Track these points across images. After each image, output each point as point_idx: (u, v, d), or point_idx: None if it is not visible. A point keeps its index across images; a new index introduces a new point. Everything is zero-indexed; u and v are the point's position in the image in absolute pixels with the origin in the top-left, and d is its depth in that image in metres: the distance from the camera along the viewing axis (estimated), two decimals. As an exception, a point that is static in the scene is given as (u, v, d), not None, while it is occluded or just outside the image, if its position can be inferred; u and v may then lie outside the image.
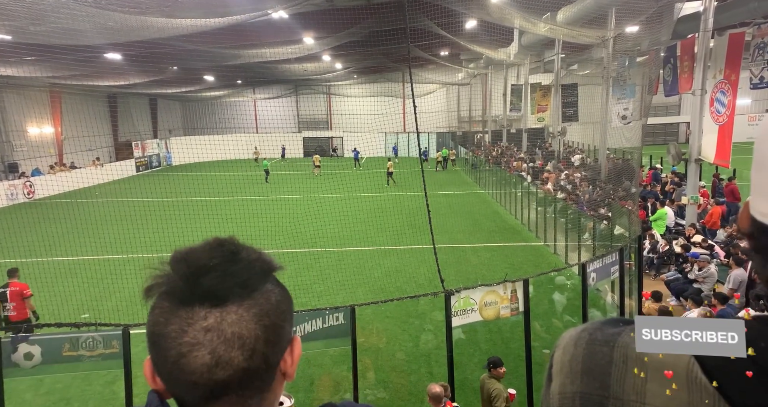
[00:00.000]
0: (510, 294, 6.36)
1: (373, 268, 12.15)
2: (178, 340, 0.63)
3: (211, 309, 0.64)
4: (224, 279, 0.65)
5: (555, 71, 21.87)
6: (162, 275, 0.67)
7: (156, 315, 0.65)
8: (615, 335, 0.69)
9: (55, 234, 15.78)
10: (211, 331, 0.63)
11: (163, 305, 0.65)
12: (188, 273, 0.65)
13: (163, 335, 0.63)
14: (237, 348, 0.64)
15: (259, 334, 0.65)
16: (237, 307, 0.65)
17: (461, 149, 36.03)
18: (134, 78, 24.14)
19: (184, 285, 0.64)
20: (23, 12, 8.83)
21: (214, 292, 0.64)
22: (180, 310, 0.64)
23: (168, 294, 0.65)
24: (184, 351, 0.63)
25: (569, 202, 14.86)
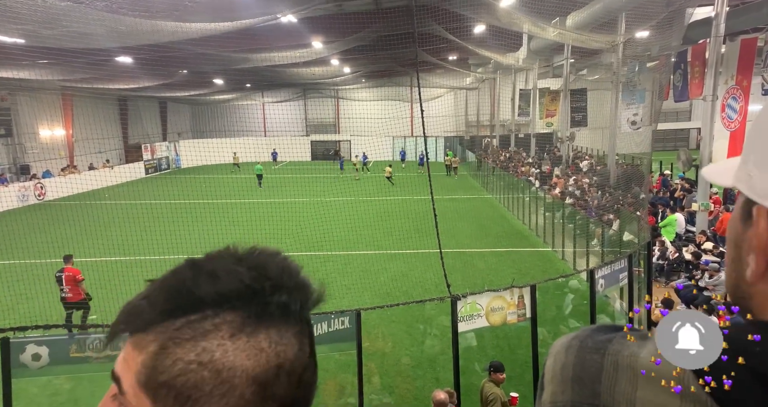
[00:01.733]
0: (517, 299, 6.31)
1: (380, 272, 12.13)
2: (303, 357, 0.58)
3: (306, 317, 0.60)
4: (313, 291, 0.62)
5: (564, 76, 21.80)
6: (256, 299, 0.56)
7: (268, 345, 0.55)
8: (606, 342, 0.66)
9: (64, 236, 15.91)
10: (311, 337, 0.60)
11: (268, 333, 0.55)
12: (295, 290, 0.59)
13: (289, 361, 0.56)
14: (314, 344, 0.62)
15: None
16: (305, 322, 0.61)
17: (469, 153, 35.96)
18: (144, 81, 24.38)
19: (300, 305, 0.58)
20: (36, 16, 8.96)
21: (314, 302, 0.61)
22: (294, 328, 0.58)
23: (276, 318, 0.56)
24: (307, 363, 0.59)
25: (577, 208, 14.76)
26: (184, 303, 0.54)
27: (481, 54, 24.99)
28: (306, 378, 0.59)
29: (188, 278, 0.55)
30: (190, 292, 0.54)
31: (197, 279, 0.55)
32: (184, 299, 0.54)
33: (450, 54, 26.93)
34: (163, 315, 0.54)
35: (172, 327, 0.54)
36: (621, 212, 12.87)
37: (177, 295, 0.55)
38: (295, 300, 0.58)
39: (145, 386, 0.54)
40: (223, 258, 0.58)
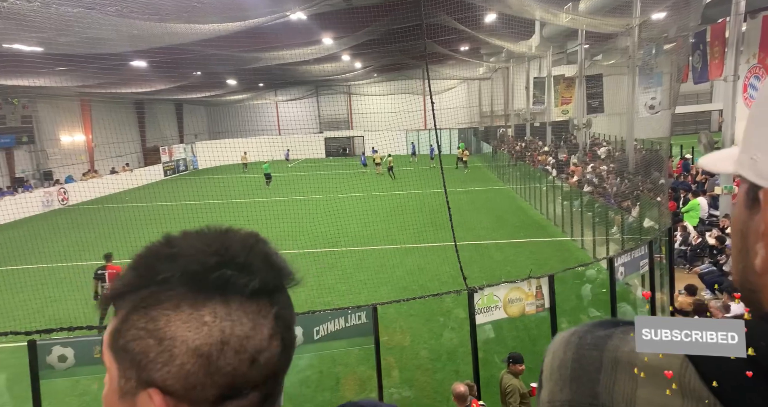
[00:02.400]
0: (535, 290, 6.24)
1: (396, 267, 12.12)
2: (258, 336, 0.58)
3: (273, 297, 0.61)
4: (281, 269, 0.63)
5: (579, 62, 21.38)
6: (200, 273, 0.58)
7: (211, 323, 0.57)
8: (605, 338, 0.63)
9: (87, 239, 16.28)
10: (279, 319, 0.61)
11: (216, 309, 0.57)
12: (248, 266, 0.59)
13: (235, 336, 0.57)
14: (292, 334, 0.64)
15: (295, 320, 0.66)
16: (285, 295, 0.64)
17: (483, 144, 35.63)
18: (159, 84, 24.71)
19: (249, 280, 0.59)
20: (50, 23, 9.13)
21: (276, 282, 0.62)
22: (248, 306, 0.58)
23: (224, 293, 0.58)
24: (264, 346, 0.59)
25: (596, 196, 14.51)
26: (148, 276, 0.59)
27: (493, 43, 24.67)
28: (263, 360, 0.59)
29: (155, 253, 0.60)
30: (152, 266, 0.59)
31: (161, 254, 0.60)
32: (149, 272, 0.59)
33: (461, 44, 26.66)
34: (131, 287, 0.59)
35: (137, 298, 0.59)
36: (641, 198, 12.61)
37: (144, 269, 0.60)
38: (245, 278, 0.59)
39: (111, 349, 0.60)
40: (191, 236, 0.62)
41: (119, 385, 0.59)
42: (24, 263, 13.84)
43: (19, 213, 20.81)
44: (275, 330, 0.60)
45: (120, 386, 0.59)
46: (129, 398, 0.58)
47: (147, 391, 0.57)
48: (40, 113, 26.57)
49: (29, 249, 15.47)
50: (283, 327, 0.62)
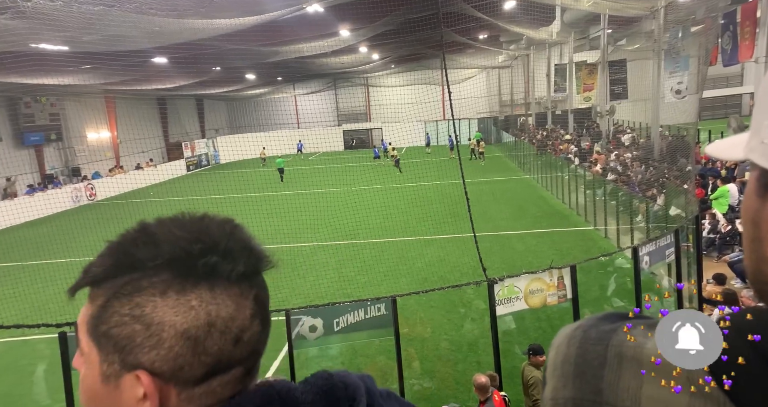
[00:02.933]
0: (557, 281, 6.15)
1: (416, 259, 12.11)
2: (240, 317, 0.62)
3: (252, 281, 0.64)
4: (259, 254, 0.65)
5: (601, 48, 20.84)
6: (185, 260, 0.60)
7: (198, 306, 0.59)
8: (610, 332, 0.60)
9: (115, 233, 16.66)
10: (258, 301, 0.64)
11: (201, 294, 0.60)
12: (229, 252, 0.62)
13: (221, 318, 0.60)
14: (268, 313, 0.67)
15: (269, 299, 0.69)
16: (261, 277, 0.67)
17: (503, 134, 35.16)
18: (180, 80, 25.06)
19: (233, 265, 0.61)
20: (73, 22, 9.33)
21: (255, 266, 0.64)
22: (230, 289, 0.61)
23: (210, 278, 0.60)
24: (246, 325, 0.62)
25: (620, 184, 14.20)
26: (127, 263, 0.60)
27: (513, 30, 24.21)
28: (246, 339, 0.62)
29: (132, 241, 0.62)
30: (132, 254, 0.60)
31: (139, 242, 0.61)
32: (128, 259, 0.60)
33: (480, 33, 26.23)
34: (109, 273, 0.61)
35: (116, 284, 0.60)
36: (666, 186, 12.29)
37: (122, 256, 0.61)
38: (229, 263, 0.61)
39: (91, 335, 0.61)
40: (168, 223, 0.63)
41: (101, 370, 0.61)
42: (55, 257, 14.29)
43: (50, 208, 21.46)
44: (256, 310, 0.64)
45: (102, 370, 0.60)
46: (112, 381, 0.60)
47: (134, 373, 0.59)
48: (67, 111, 27.25)
49: (60, 244, 15.96)
50: (262, 308, 0.65)
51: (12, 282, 11.99)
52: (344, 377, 0.69)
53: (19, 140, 24.15)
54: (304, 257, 12.65)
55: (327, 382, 0.67)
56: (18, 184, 23.49)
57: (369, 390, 0.69)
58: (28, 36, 10.72)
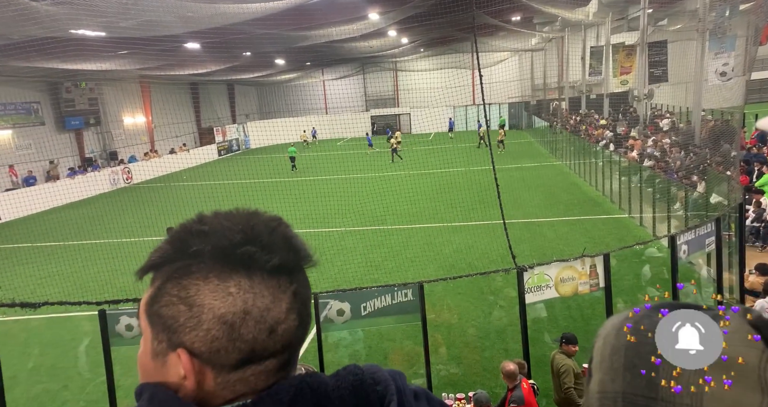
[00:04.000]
0: (589, 269, 6.01)
1: (443, 245, 12.04)
2: (277, 309, 0.65)
3: (291, 276, 0.67)
4: (299, 250, 0.69)
5: (641, 28, 19.95)
6: (228, 249, 0.64)
7: (236, 293, 0.63)
8: None
9: (150, 216, 17.23)
10: (297, 296, 0.67)
11: (240, 282, 0.64)
12: (270, 245, 0.65)
13: (257, 307, 0.63)
14: (308, 310, 0.70)
15: (311, 297, 0.72)
16: (303, 274, 0.70)
17: (535, 119, 34.35)
18: (212, 65, 25.38)
19: (270, 257, 0.65)
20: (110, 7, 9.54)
21: (295, 262, 0.68)
22: (270, 280, 0.65)
23: (248, 268, 0.64)
24: (282, 318, 0.65)
25: (657, 170, 13.70)
26: (181, 250, 0.66)
27: (547, 11, 23.43)
28: (280, 331, 0.65)
29: (188, 230, 0.67)
30: (186, 242, 0.66)
31: (193, 231, 0.66)
32: (182, 246, 0.66)
33: (513, 14, 25.49)
34: (167, 258, 0.66)
35: (171, 269, 0.66)
36: (708, 172, 11.78)
37: (178, 243, 0.66)
38: (267, 255, 0.65)
39: (147, 314, 0.67)
40: (220, 216, 0.68)
41: (152, 347, 0.66)
42: (95, 238, 14.87)
43: (90, 191, 22.29)
44: (293, 305, 0.66)
45: (153, 347, 0.66)
46: (160, 358, 0.65)
47: (177, 351, 0.63)
48: (105, 96, 28.04)
49: (99, 226, 16.59)
50: (300, 303, 0.68)
51: (56, 260, 12.55)
52: (375, 373, 0.69)
53: (60, 124, 25.06)
54: (332, 242, 12.76)
55: (357, 378, 0.68)
56: (60, 167, 24.44)
57: (399, 388, 0.69)
58: (68, 22, 11.02)
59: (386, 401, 0.66)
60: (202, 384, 0.63)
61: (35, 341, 8.50)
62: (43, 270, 12.11)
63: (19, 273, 11.86)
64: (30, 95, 23.53)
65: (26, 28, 10.94)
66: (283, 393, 0.63)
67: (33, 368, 7.70)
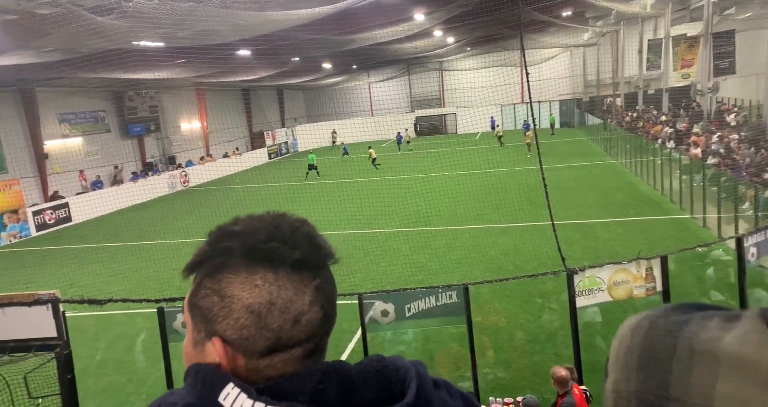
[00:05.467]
0: (645, 272, 5.72)
1: (490, 247, 11.83)
2: (300, 301, 0.70)
3: (314, 272, 0.72)
4: (321, 248, 0.74)
5: (705, 18, 18.80)
6: (254, 245, 0.71)
7: (262, 285, 0.69)
8: (681, 323, 0.55)
9: (206, 218, 17.97)
10: (320, 290, 0.72)
11: (266, 276, 0.70)
12: (292, 242, 0.71)
13: (281, 298, 0.69)
14: (332, 304, 0.75)
15: (336, 294, 0.77)
16: (326, 271, 0.75)
17: (588, 116, 33.11)
18: (262, 71, 26.20)
19: (292, 253, 0.70)
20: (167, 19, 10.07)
21: (317, 258, 0.73)
22: (293, 275, 0.70)
23: (273, 262, 0.70)
24: (305, 309, 0.70)
25: (723, 168, 12.85)
26: (218, 248, 0.73)
27: (600, 5, 22.55)
28: (304, 322, 0.70)
29: (224, 231, 0.74)
30: (221, 241, 0.73)
31: (227, 231, 0.74)
32: (219, 245, 0.73)
33: (563, 9, 24.69)
34: (206, 257, 0.74)
35: (209, 265, 0.73)
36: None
37: (215, 243, 0.74)
38: (289, 250, 0.70)
39: (188, 306, 0.74)
40: (252, 218, 0.76)
41: (193, 336, 0.73)
42: (155, 239, 15.69)
43: (150, 194, 23.56)
44: (316, 298, 0.72)
45: (194, 337, 0.73)
46: (200, 347, 0.72)
47: (212, 340, 0.70)
48: (164, 103, 29.58)
49: (160, 227, 17.50)
50: (324, 298, 0.73)
51: (120, 260, 13.36)
52: (396, 360, 0.74)
53: (124, 131, 26.66)
54: (377, 243, 12.83)
55: (379, 364, 0.73)
56: (123, 171, 26.01)
57: (420, 375, 0.71)
58: (130, 34, 11.72)
59: (406, 383, 0.70)
60: (235, 369, 0.70)
61: (102, 335, 9.07)
62: (109, 269, 12.91)
63: (89, 271, 12.70)
64: (97, 104, 25.19)
65: (93, 42, 11.75)
66: (312, 375, 0.70)
67: (101, 361, 8.22)
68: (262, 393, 0.66)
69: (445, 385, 0.75)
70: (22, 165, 20.58)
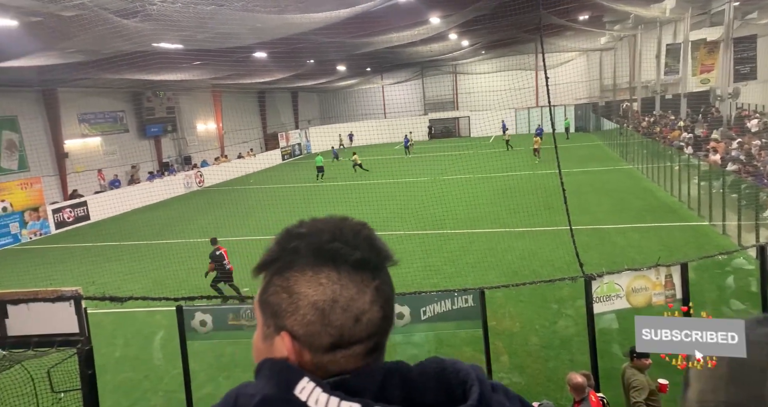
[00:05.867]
0: (664, 279, 5.65)
1: (506, 251, 11.77)
2: (361, 300, 0.73)
3: (374, 273, 0.76)
4: (380, 250, 0.78)
5: (726, 23, 18.55)
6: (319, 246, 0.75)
7: (326, 283, 0.73)
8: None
9: (221, 218, 18.19)
10: (379, 291, 0.76)
11: (330, 275, 0.73)
12: (354, 243, 0.75)
13: (344, 297, 0.73)
14: (390, 305, 0.78)
15: (394, 296, 0.80)
16: (385, 274, 0.79)
17: (604, 121, 32.79)
18: (278, 73, 26.41)
19: (353, 253, 0.74)
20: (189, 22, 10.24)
21: (376, 260, 0.77)
22: (354, 275, 0.74)
23: (336, 262, 0.74)
24: (366, 308, 0.74)
25: (744, 175, 12.65)
26: (286, 249, 0.77)
27: (619, 9, 22.36)
28: (365, 320, 0.74)
29: (291, 232, 0.78)
30: (289, 242, 0.77)
31: (294, 233, 0.78)
32: (287, 246, 0.77)
33: (581, 13, 24.53)
34: (275, 257, 0.78)
35: (278, 265, 0.77)
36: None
37: (284, 244, 0.78)
38: (351, 250, 0.74)
39: (259, 302, 0.79)
40: (317, 221, 0.80)
41: (263, 331, 0.78)
42: (171, 238, 15.89)
43: (166, 194, 23.87)
44: (375, 298, 0.75)
45: (263, 332, 0.77)
46: (269, 341, 0.76)
47: (281, 334, 0.74)
48: (181, 104, 29.94)
49: (176, 226, 17.71)
50: (383, 298, 0.76)
51: (138, 258, 13.55)
52: (455, 363, 0.76)
53: (142, 132, 27.05)
54: (391, 245, 12.35)
55: (439, 366, 0.75)
56: (140, 171, 26.38)
57: (480, 379, 0.73)
58: (153, 36, 11.92)
59: (467, 386, 0.72)
60: (302, 364, 0.73)
61: (120, 333, 9.21)
62: (127, 267, 13.10)
63: (108, 269, 12.90)
64: (116, 105, 25.61)
65: (116, 43, 11.97)
66: (376, 373, 0.73)
67: (118, 358, 8.34)
68: (335, 388, 0.69)
69: (502, 389, 0.77)
70: (44, 164, 21.00)
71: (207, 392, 6.98)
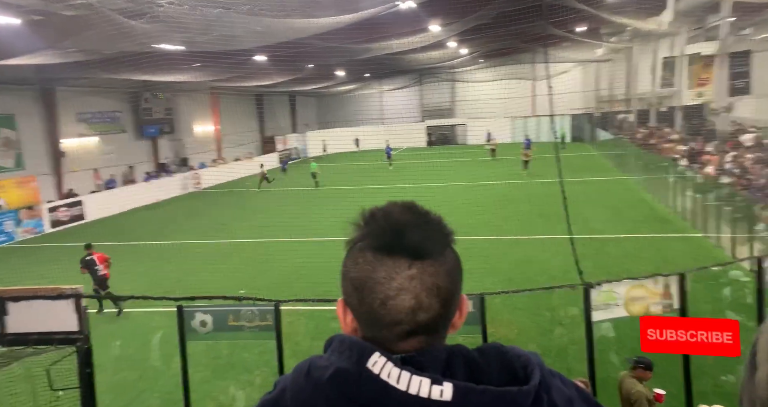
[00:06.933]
0: (662, 289, 5.72)
1: (501, 258, 11.83)
2: (387, 285, 0.75)
3: (413, 261, 0.76)
4: (425, 237, 0.77)
5: (721, 38, 18.85)
6: (364, 230, 0.81)
7: (361, 263, 0.78)
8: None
9: (218, 219, 18.15)
10: (415, 279, 0.75)
11: (366, 255, 0.78)
12: (394, 229, 0.77)
13: (371, 279, 0.76)
14: (434, 296, 0.77)
15: (449, 287, 0.78)
16: (433, 262, 0.77)
17: (600, 132, 33.10)
18: (277, 77, 26.48)
19: (391, 239, 0.77)
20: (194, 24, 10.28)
21: (416, 247, 0.76)
22: (387, 260, 0.76)
23: (373, 246, 0.77)
24: (392, 294, 0.75)
25: (738, 188, 12.82)
26: (354, 233, 0.84)
27: (616, 22, 22.65)
28: (389, 305, 0.76)
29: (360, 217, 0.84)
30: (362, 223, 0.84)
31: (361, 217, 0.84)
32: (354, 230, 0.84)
33: (579, 25, 24.81)
34: (350, 242, 0.84)
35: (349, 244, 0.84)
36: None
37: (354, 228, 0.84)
38: (383, 238, 0.78)
39: (342, 276, 0.84)
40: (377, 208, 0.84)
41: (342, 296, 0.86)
42: (167, 239, 15.83)
43: (163, 194, 23.80)
44: (405, 286, 0.76)
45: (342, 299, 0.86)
46: (342, 305, 0.85)
47: (339, 300, 0.85)
48: (179, 106, 29.92)
49: (172, 228, 17.64)
50: (420, 288, 0.76)
51: (134, 258, 13.48)
52: (514, 348, 0.80)
53: (139, 132, 26.99)
54: None
55: (500, 350, 0.79)
56: (137, 171, 26.27)
57: (539, 364, 0.78)
58: (158, 37, 11.94)
59: (528, 370, 0.75)
60: (352, 326, 0.82)
61: (117, 333, 9.16)
62: (122, 267, 13.01)
63: (102, 268, 12.79)
64: (114, 105, 25.55)
65: (119, 44, 11.98)
66: (440, 353, 0.76)
67: (115, 357, 8.29)
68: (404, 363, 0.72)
69: (558, 375, 0.82)
70: (40, 162, 20.88)
71: (202, 393, 6.96)
